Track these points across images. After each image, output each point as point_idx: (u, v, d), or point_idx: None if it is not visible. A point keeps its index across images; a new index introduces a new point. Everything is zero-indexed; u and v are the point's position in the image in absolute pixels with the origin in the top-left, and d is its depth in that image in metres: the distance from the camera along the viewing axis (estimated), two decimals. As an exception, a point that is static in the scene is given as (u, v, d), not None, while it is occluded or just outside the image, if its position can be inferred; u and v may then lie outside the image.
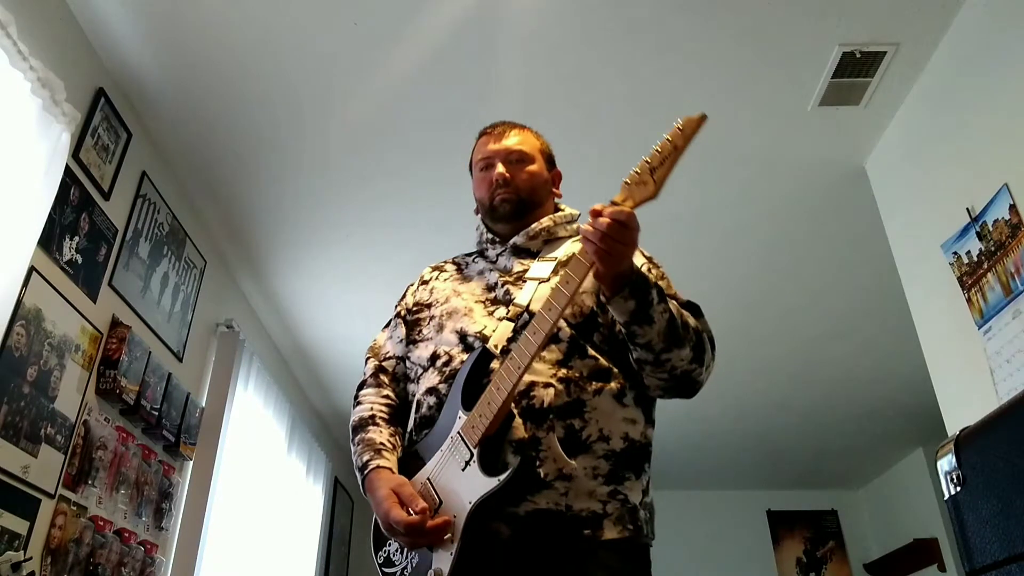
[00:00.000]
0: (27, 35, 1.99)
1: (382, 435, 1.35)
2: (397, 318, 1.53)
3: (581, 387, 1.25)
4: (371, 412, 1.39)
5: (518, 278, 1.40)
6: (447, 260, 1.58)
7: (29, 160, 1.98)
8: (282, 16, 2.34)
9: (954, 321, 2.34)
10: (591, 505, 1.20)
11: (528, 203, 1.47)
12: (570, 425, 1.22)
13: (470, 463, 1.17)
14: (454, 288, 1.45)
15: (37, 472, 2.05)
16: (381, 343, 1.52)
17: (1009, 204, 2.09)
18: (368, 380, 1.46)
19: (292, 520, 4.08)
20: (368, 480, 1.29)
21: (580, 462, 1.21)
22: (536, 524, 1.17)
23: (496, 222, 1.49)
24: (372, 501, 1.26)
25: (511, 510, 1.17)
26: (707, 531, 6.19)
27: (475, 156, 1.57)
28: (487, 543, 1.16)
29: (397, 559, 1.27)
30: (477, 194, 1.54)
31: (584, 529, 1.18)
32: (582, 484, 1.20)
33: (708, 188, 3.02)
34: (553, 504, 1.18)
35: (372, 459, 1.30)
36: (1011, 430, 1.14)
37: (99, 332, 2.41)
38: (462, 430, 1.21)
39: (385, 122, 2.74)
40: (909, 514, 5.61)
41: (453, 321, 1.38)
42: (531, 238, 1.45)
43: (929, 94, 2.51)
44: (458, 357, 1.32)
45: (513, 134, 1.54)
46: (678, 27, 2.38)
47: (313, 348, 4.31)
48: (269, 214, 3.21)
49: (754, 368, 4.43)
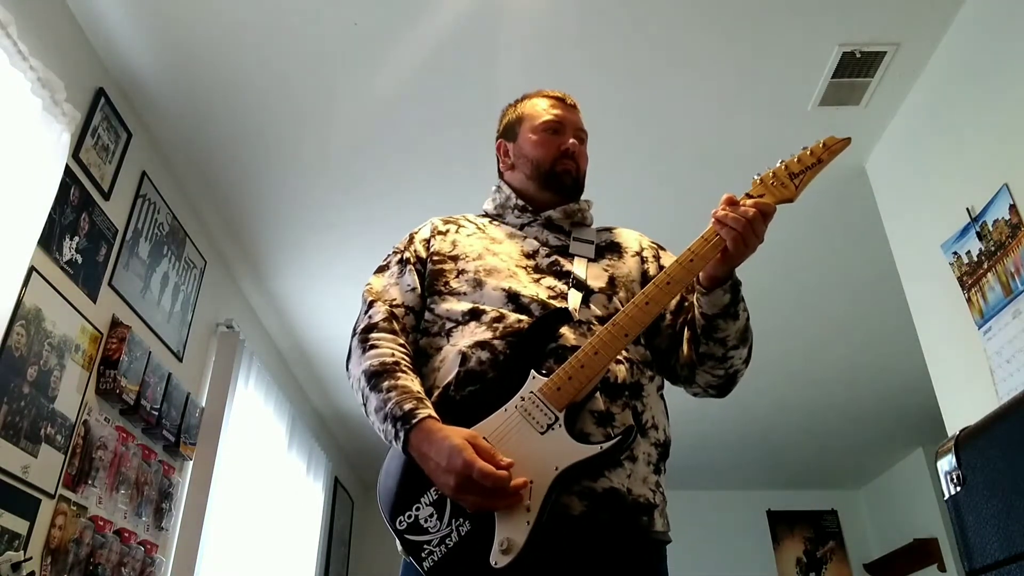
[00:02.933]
0: (27, 35, 1.99)
1: (415, 384, 1.19)
2: (405, 265, 1.38)
3: (641, 371, 1.24)
4: (395, 358, 1.22)
5: (560, 251, 1.36)
6: (455, 216, 1.47)
7: (29, 160, 1.98)
8: (282, 16, 2.34)
9: (954, 321, 2.34)
10: (646, 492, 1.16)
11: (581, 184, 1.46)
12: (634, 406, 1.19)
13: (553, 427, 1.10)
14: (486, 246, 1.36)
15: (37, 472, 2.05)
16: (382, 288, 1.36)
17: (1009, 204, 2.09)
18: (380, 323, 1.28)
19: (292, 520, 4.08)
20: (421, 430, 1.10)
21: (640, 446, 1.18)
22: (607, 503, 1.11)
23: (544, 188, 1.42)
24: (434, 452, 1.07)
25: (588, 484, 1.10)
26: (707, 531, 6.19)
27: (534, 112, 1.48)
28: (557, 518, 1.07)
29: (432, 525, 1.09)
30: (533, 153, 1.43)
31: (642, 516, 1.15)
32: (640, 469, 1.17)
33: (708, 188, 3.01)
34: (621, 484, 1.13)
35: (418, 407, 1.13)
36: (1011, 430, 1.14)
37: (99, 332, 2.41)
38: (541, 391, 1.12)
39: (385, 122, 2.74)
40: (909, 514, 5.61)
41: (495, 279, 1.28)
42: (567, 216, 1.42)
43: (929, 94, 2.51)
44: (513, 316, 1.23)
45: (579, 112, 1.51)
46: (678, 28, 2.38)
47: (313, 348, 4.31)
48: (269, 214, 3.21)
49: (754, 368, 4.34)
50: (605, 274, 1.33)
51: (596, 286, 1.29)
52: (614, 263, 1.36)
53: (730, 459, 5.83)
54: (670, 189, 3.01)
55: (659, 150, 2.85)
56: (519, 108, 1.51)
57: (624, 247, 1.42)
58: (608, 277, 1.32)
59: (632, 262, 1.39)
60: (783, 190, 1.26)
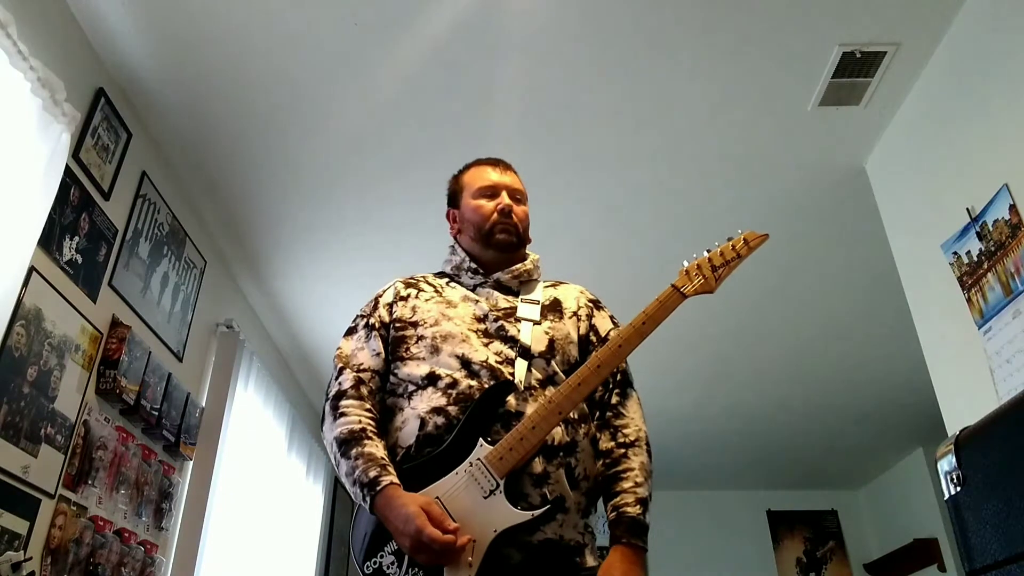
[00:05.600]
0: (27, 35, 1.99)
1: (379, 450, 1.36)
2: (370, 330, 1.51)
3: (575, 428, 1.40)
4: (362, 425, 1.38)
5: (507, 315, 1.49)
6: (416, 277, 1.60)
7: (29, 160, 1.98)
8: (282, 16, 2.34)
9: (954, 321, 2.34)
10: (576, 536, 1.34)
11: (521, 241, 1.58)
12: (568, 463, 1.36)
13: (495, 492, 1.27)
14: (441, 311, 1.49)
15: (37, 472, 2.05)
16: (351, 352, 1.49)
17: (1009, 204, 2.09)
18: (348, 391, 1.43)
19: (292, 520, 4.08)
20: (383, 496, 1.28)
21: (573, 497, 1.35)
22: (542, 552, 1.29)
23: (487, 248, 1.56)
24: (393, 517, 1.26)
25: (525, 538, 1.28)
26: (707, 531, 6.20)
27: (471, 181, 1.63)
28: (498, 566, 1.26)
29: (393, 571, 1.29)
30: (472, 217, 1.58)
31: (575, 557, 1.32)
32: (572, 517, 1.34)
33: (707, 188, 3.02)
34: (553, 534, 1.31)
35: (382, 475, 1.30)
36: (1011, 430, 1.14)
37: (99, 332, 2.42)
38: (485, 459, 1.29)
39: (385, 123, 2.74)
40: (909, 514, 5.61)
41: (450, 345, 1.43)
42: (514, 277, 1.56)
43: (929, 94, 2.51)
44: (464, 382, 1.38)
45: (512, 173, 1.65)
46: (678, 28, 2.38)
47: (313, 348, 4.31)
48: (269, 214, 3.21)
49: (754, 368, 4.43)
50: (546, 337, 1.47)
51: (537, 350, 1.44)
52: (555, 325, 1.50)
53: (730, 459, 5.83)
54: (670, 189, 3.01)
55: (659, 150, 2.85)
56: (460, 178, 1.67)
57: (564, 307, 1.56)
58: (548, 340, 1.46)
59: (570, 324, 1.53)
60: (705, 284, 1.45)
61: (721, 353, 4.26)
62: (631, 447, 1.41)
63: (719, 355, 4.29)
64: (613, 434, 1.44)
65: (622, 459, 1.40)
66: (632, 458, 1.40)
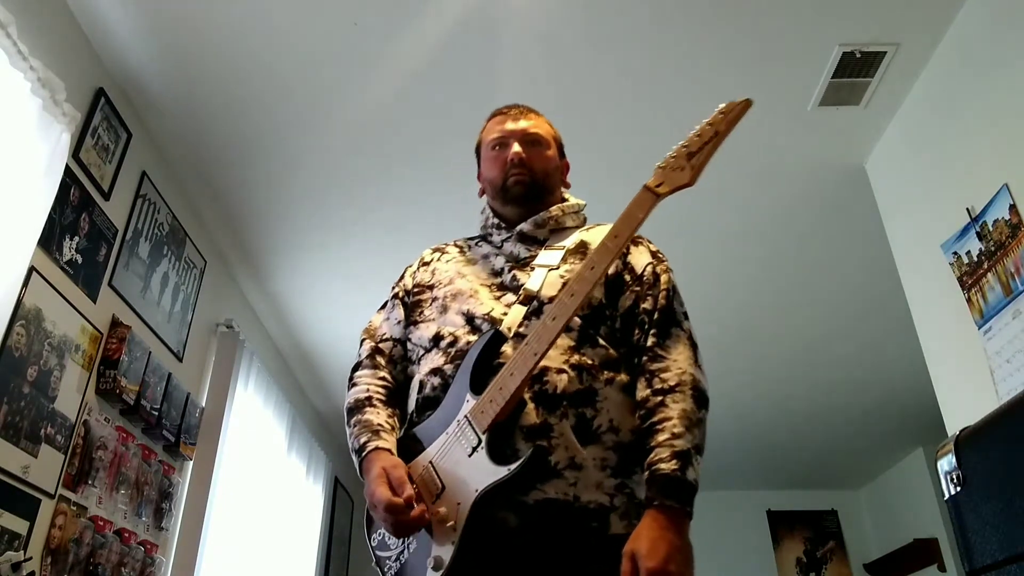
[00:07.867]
0: (27, 35, 1.99)
1: (379, 416, 1.30)
2: (395, 299, 1.48)
3: (594, 375, 1.24)
4: (367, 393, 1.34)
5: (525, 264, 1.38)
6: (448, 243, 1.54)
7: (29, 160, 1.98)
8: (283, 16, 2.34)
9: (954, 321, 2.34)
10: (598, 497, 1.17)
11: (541, 187, 1.45)
12: (582, 413, 1.20)
13: (477, 449, 1.14)
14: (458, 270, 1.41)
15: (37, 472, 2.05)
16: (377, 324, 1.47)
17: (1009, 204, 2.09)
18: (364, 361, 1.41)
19: (292, 520, 4.08)
20: (365, 461, 1.24)
21: (590, 452, 1.19)
22: (544, 514, 1.14)
23: (506, 204, 1.46)
24: (367, 481, 1.21)
25: (520, 498, 1.14)
26: (707, 531, 6.17)
27: (486, 135, 1.53)
28: (493, 532, 1.13)
29: (392, 542, 1.24)
30: (488, 174, 1.49)
31: (592, 522, 1.16)
32: (591, 475, 1.18)
33: (707, 189, 3.01)
34: (562, 494, 1.15)
35: (370, 440, 1.25)
36: (1011, 430, 1.14)
37: (99, 332, 2.41)
38: (470, 414, 1.17)
39: (385, 122, 2.74)
40: (909, 514, 5.61)
41: (458, 303, 1.34)
42: (539, 226, 1.43)
43: (929, 94, 2.51)
44: (464, 338, 1.29)
45: (530, 116, 1.53)
46: (678, 28, 2.38)
47: (313, 348, 4.31)
48: (269, 214, 3.21)
49: (754, 368, 4.43)
50: (560, 281, 1.31)
51: (547, 295, 1.28)
52: (574, 267, 1.32)
53: (730, 459, 5.83)
54: (670, 189, 3.01)
55: (659, 150, 2.85)
56: (480, 136, 1.56)
57: (591, 247, 1.38)
58: (563, 284, 1.28)
59: None
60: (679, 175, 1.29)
61: (722, 353, 4.26)
62: (669, 393, 1.21)
63: (719, 355, 4.29)
64: (649, 380, 1.24)
65: (658, 408, 1.20)
66: (671, 406, 1.19)
